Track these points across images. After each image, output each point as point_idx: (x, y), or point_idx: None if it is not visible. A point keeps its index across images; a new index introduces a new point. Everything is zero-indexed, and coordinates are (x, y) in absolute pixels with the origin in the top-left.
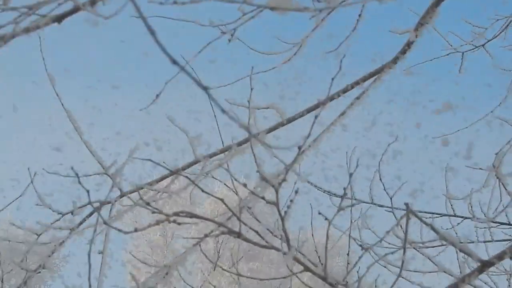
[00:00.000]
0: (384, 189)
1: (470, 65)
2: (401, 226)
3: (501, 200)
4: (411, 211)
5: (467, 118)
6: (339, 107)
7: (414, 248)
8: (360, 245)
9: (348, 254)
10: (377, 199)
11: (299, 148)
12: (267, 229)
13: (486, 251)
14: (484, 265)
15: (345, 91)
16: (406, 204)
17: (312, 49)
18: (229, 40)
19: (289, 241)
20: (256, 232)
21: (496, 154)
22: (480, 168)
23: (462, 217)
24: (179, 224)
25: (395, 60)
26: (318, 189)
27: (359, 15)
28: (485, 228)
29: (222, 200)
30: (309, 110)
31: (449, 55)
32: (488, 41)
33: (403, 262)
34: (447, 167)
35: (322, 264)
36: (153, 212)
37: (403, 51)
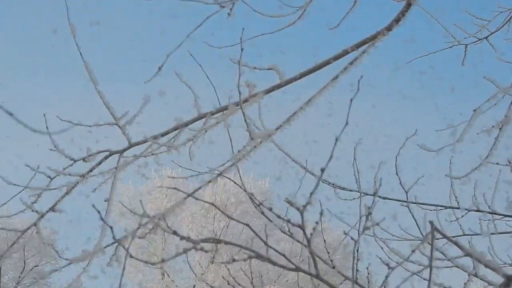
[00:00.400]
0: (400, 184)
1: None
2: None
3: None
4: (436, 228)
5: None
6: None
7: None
8: (387, 264)
9: (357, 250)
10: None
11: (322, 171)
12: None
13: (490, 243)
14: (510, 280)
15: (340, 56)
16: (431, 222)
17: (316, 15)
18: (229, 14)
19: (317, 264)
20: (283, 255)
21: None
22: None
23: (466, 209)
24: (206, 251)
25: (389, 27)
26: (323, 182)
27: None
28: (489, 220)
29: (213, 204)
30: (306, 73)
31: (452, 47)
32: (492, 33)
33: (430, 282)
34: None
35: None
36: (181, 239)
37: (397, 19)
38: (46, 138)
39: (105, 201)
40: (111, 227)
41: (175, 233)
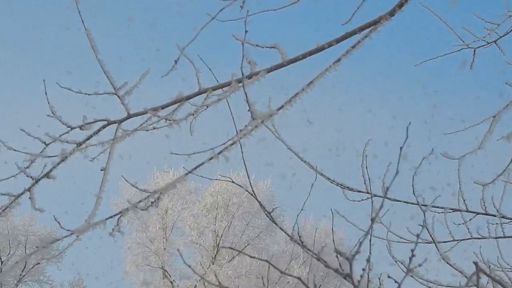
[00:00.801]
0: (413, 193)
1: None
2: None
3: None
4: (481, 269)
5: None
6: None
7: None
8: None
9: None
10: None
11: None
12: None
13: (497, 247)
14: None
15: (342, 39)
16: (475, 263)
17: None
18: (241, 7)
19: None
20: (298, 278)
21: None
22: None
23: (474, 212)
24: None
25: (391, 12)
26: (331, 182)
27: None
28: (497, 224)
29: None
30: (308, 54)
31: (460, 50)
32: (501, 37)
33: None
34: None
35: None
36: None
37: (400, 5)
38: (44, 104)
39: (101, 170)
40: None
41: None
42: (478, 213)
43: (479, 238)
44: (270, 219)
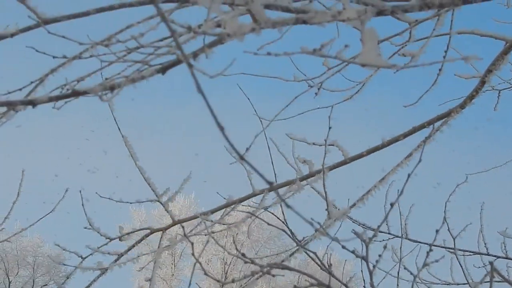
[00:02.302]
0: (449, 230)
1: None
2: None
3: None
4: (496, 269)
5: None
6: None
7: None
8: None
9: None
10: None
11: (391, 204)
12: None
13: None
14: None
15: (410, 133)
16: (491, 263)
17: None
18: (316, 94)
19: None
20: (346, 285)
21: None
22: None
23: (495, 256)
24: (273, 276)
25: (462, 105)
26: (353, 222)
27: (439, 70)
28: None
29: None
30: (373, 150)
31: (485, 92)
32: None
33: None
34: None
35: None
36: (245, 262)
37: (471, 97)
38: (81, 216)
39: (146, 281)
40: None
41: (243, 255)
42: (498, 257)
43: (499, 282)
44: (304, 251)
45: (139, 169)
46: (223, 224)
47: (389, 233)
